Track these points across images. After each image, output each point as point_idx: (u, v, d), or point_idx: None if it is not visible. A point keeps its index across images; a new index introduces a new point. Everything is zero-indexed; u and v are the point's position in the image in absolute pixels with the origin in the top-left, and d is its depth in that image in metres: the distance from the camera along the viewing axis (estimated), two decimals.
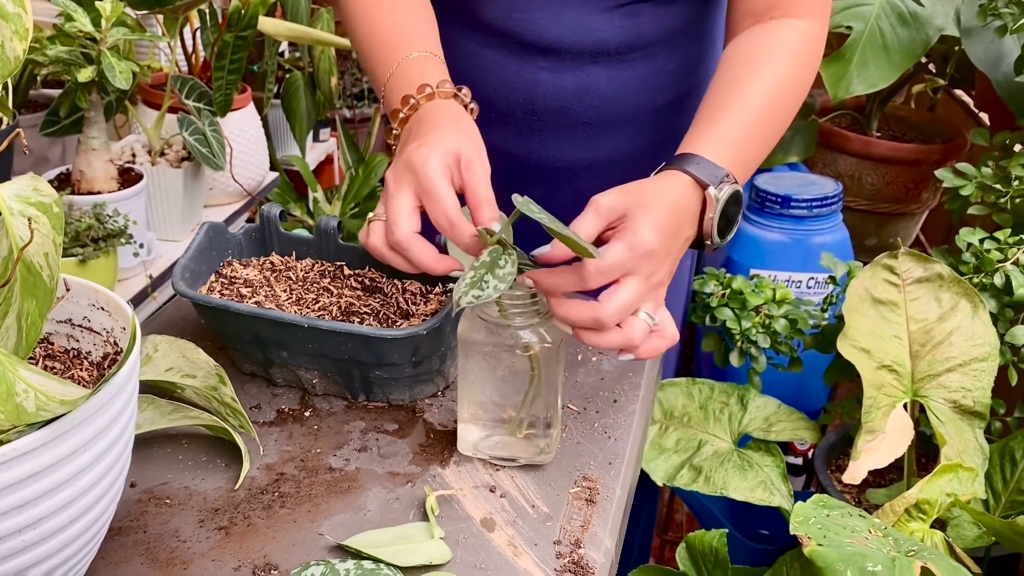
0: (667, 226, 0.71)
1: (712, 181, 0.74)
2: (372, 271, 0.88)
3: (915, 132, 1.84)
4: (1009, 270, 1.06)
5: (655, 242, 0.69)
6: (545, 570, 0.65)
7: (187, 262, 0.82)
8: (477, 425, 0.75)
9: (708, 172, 0.75)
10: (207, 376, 0.76)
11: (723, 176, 0.75)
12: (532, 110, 0.98)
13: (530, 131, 0.99)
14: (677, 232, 0.73)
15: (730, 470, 1.06)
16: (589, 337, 0.70)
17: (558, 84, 0.96)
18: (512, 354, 0.71)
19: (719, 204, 0.74)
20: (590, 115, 0.97)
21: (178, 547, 0.66)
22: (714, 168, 0.75)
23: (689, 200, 0.74)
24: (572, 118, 0.97)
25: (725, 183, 0.74)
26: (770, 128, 0.82)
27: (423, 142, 0.73)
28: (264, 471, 0.74)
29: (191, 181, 1.51)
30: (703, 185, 0.74)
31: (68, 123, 1.36)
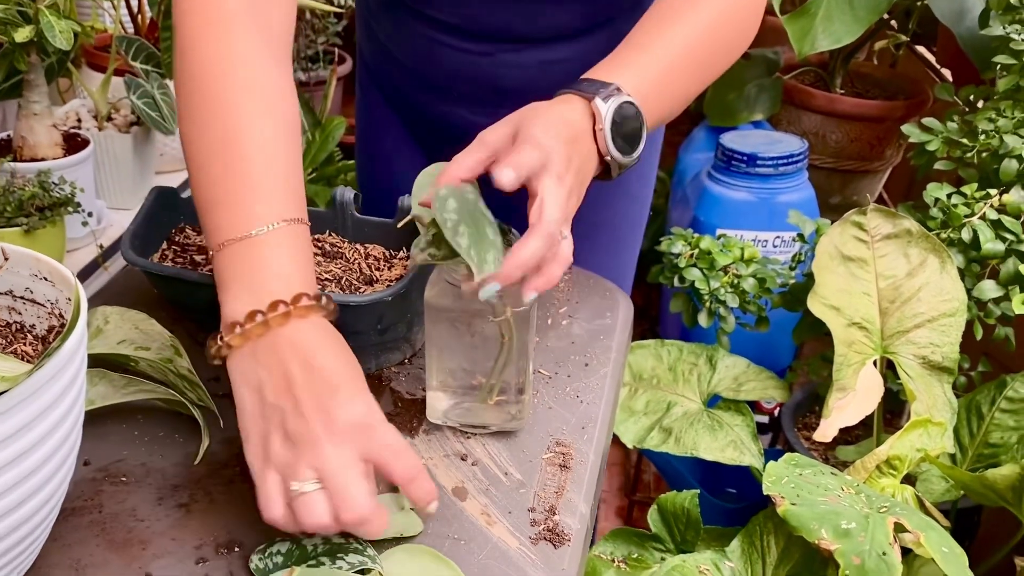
0: (560, 132, 0.67)
1: (600, 94, 0.70)
2: (332, 235, 0.84)
3: (878, 89, 1.83)
4: (976, 224, 1.05)
5: (551, 138, 0.66)
6: (519, 538, 0.64)
7: (136, 229, 0.78)
8: (446, 393, 0.72)
9: (595, 88, 0.71)
10: (162, 348, 0.73)
11: (611, 89, 0.70)
12: (496, 89, 0.95)
13: (497, 107, 0.96)
14: (574, 141, 0.68)
15: (700, 431, 1.05)
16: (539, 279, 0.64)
17: (521, 64, 0.93)
18: (481, 319, 0.68)
19: (607, 114, 0.70)
20: (558, 87, 0.94)
21: (136, 526, 0.63)
22: (601, 84, 0.71)
23: (578, 114, 0.70)
24: (540, 93, 0.94)
25: (613, 96, 0.70)
26: (694, 68, 0.78)
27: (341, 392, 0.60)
28: (225, 445, 0.71)
29: (141, 146, 1.45)
30: (588, 98, 0.70)
31: (7, 87, 1.29)
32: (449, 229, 0.61)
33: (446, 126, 1.00)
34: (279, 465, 0.58)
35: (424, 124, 1.04)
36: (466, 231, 0.62)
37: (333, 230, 0.84)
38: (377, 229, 0.83)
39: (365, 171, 1.16)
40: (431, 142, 1.06)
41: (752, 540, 0.89)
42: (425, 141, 1.07)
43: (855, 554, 0.76)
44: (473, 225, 0.62)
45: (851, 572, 0.75)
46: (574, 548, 0.63)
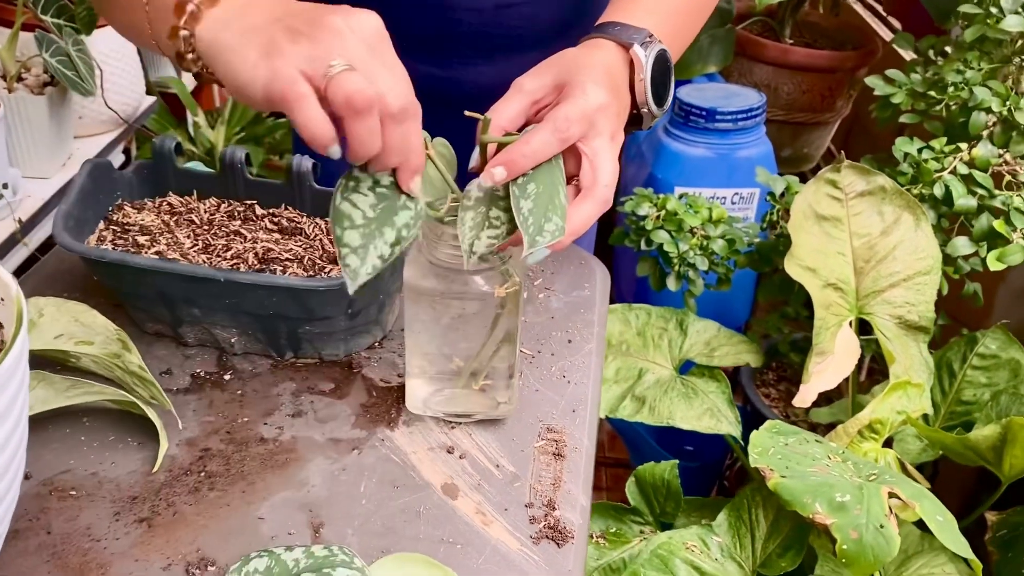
0: (606, 83, 0.64)
1: (636, 40, 0.67)
2: (289, 209, 0.77)
3: (825, 39, 1.81)
4: (948, 180, 1.03)
5: (604, 96, 0.62)
6: (520, 538, 0.59)
7: (69, 209, 0.69)
8: (426, 379, 0.67)
9: (629, 34, 0.68)
10: (107, 342, 0.66)
11: (646, 36, 0.68)
12: (449, 34, 0.88)
13: (448, 56, 0.90)
14: (617, 92, 0.65)
15: (675, 399, 1.02)
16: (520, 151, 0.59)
17: (475, 7, 0.86)
18: (464, 300, 0.62)
19: (647, 63, 0.67)
20: (513, 35, 0.88)
21: (92, 548, 0.56)
22: (635, 30, 0.68)
23: (617, 63, 0.67)
24: (494, 41, 0.88)
25: (650, 43, 0.68)
26: (698, 8, 0.76)
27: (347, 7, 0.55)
28: (185, 448, 0.64)
29: (57, 109, 1.34)
30: (626, 45, 0.67)
31: None
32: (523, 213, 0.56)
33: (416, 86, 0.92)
34: (299, 60, 0.51)
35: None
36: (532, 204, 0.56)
37: (290, 204, 0.77)
38: None
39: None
40: None
41: (740, 514, 0.86)
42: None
43: (852, 528, 0.73)
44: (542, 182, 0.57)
45: (849, 547, 0.73)
46: (578, 545, 0.59)
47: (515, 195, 0.57)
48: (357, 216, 0.55)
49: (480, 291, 0.61)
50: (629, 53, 0.67)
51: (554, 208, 0.57)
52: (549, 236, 0.56)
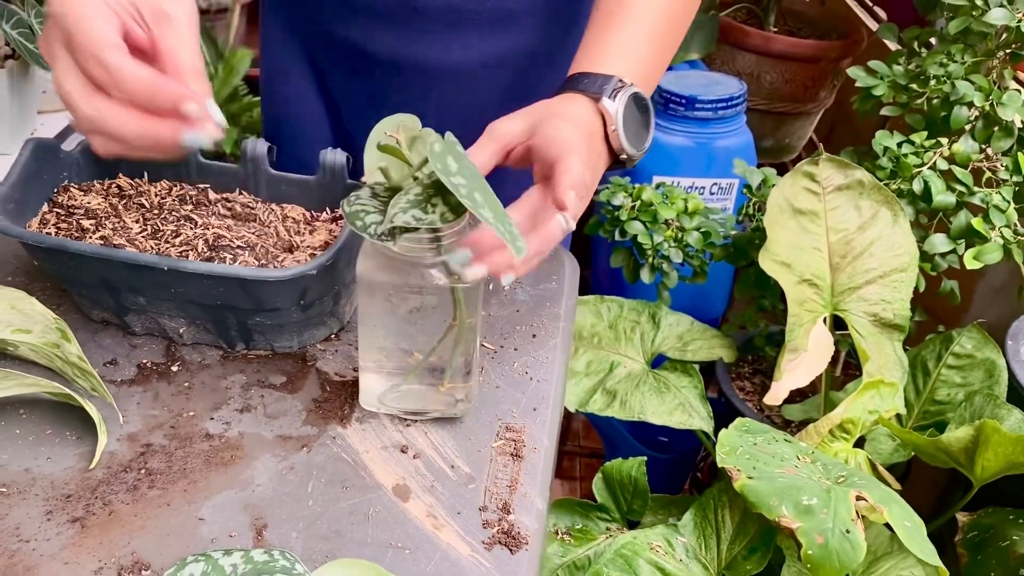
0: (578, 128, 0.65)
1: (602, 92, 0.68)
2: (244, 194, 0.74)
3: (810, 27, 1.78)
4: (927, 175, 1.01)
5: (573, 132, 0.63)
6: (472, 543, 0.57)
7: (9, 191, 0.66)
8: (381, 375, 0.64)
9: (597, 85, 0.68)
10: (45, 331, 0.63)
11: (615, 84, 0.68)
12: (414, 8, 0.84)
13: (413, 31, 0.87)
14: (590, 139, 0.66)
15: (646, 393, 1.00)
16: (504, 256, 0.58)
17: None
18: (420, 295, 0.60)
19: (618, 114, 0.67)
20: (479, 10, 0.85)
21: (20, 549, 0.54)
22: (603, 80, 0.68)
23: (589, 115, 0.67)
24: (459, 15, 0.84)
25: (620, 90, 0.68)
26: (671, 31, 0.75)
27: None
28: (126, 443, 0.61)
29: (19, 83, 1.29)
30: (594, 98, 0.68)
31: None
32: (466, 197, 0.53)
33: (358, 55, 0.89)
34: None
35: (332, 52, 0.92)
36: (483, 199, 0.54)
37: (244, 188, 0.74)
38: (296, 187, 0.73)
39: (270, 115, 1.03)
40: (342, 76, 0.94)
41: (705, 514, 0.85)
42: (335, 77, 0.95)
43: (818, 533, 0.72)
44: (483, 190, 0.54)
45: (814, 552, 0.71)
46: (532, 551, 0.57)
47: (473, 208, 0.54)
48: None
49: (437, 285, 0.59)
50: (599, 106, 0.67)
51: (505, 215, 0.55)
52: (521, 241, 0.54)
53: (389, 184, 0.59)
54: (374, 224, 0.56)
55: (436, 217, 0.55)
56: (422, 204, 0.56)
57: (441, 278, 0.59)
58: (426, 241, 0.58)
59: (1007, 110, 1.01)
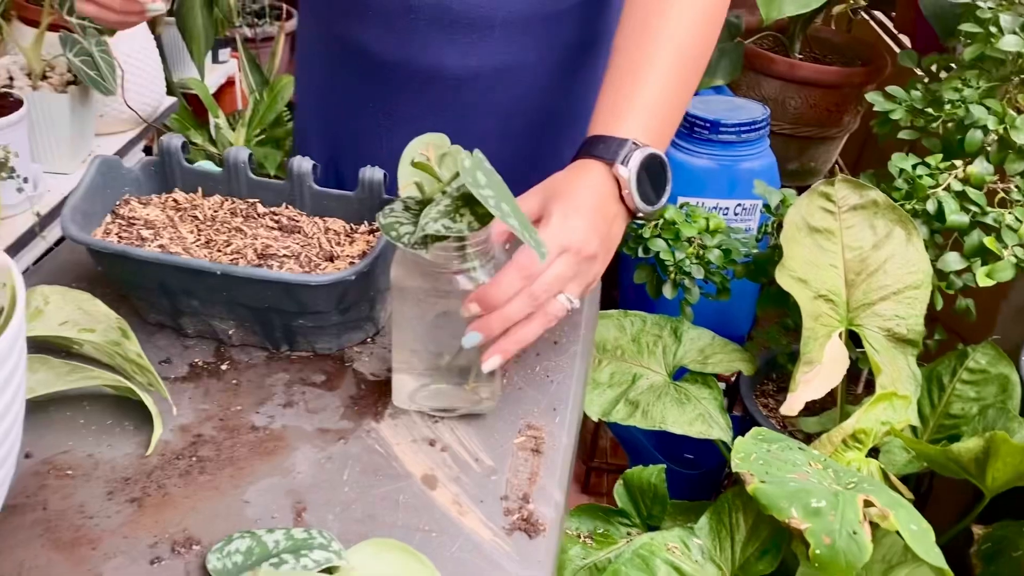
0: (585, 204, 0.70)
1: (615, 157, 0.72)
2: (290, 208, 0.80)
3: (836, 54, 1.82)
4: (941, 196, 1.05)
5: (576, 222, 0.68)
6: (493, 528, 0.61)
7: (78, 202, 0.73)
8: (412, 375, 0.69)
9: (612, 151, 0.73)
10: (108, 330, 0.69)
11: (628, 147, 0.72)
12: (408, 5, 0.89)
13: (408, 32, 0.91)
14: (601, 211, 0.71)
15: (668, 404, 1.04)
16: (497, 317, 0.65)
17: None
18: (450, 299, 0.65)
19: (632, 177, 0.72)
20: (473, 15, 0.89)
21: (84, 524, 0.59)
22: (617, 144, 0.73)
23: (601, 181, 0.72)
24: (453, 16, 0.89)
25: (633, 153, 0.72)
26: (687, 79, 0.79)
27: None
28: (179, 433, 0.67)
29: (79, 107, 1.38)
30: (608, 163, 0.72)
31: None
32: (494, 208, 0.58)
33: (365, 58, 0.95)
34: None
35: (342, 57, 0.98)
36: (510, 209, 0.59)
37: (290, 203, 0.80)
38: (337, 202, 0.79)
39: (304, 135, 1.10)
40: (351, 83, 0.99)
41: (721, 517, 0.88)
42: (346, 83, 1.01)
43: (825, 533, 0.75)
44: (510, 201, 0.60)
45: (822, 552, 0.75)
46: (549, 538, 0.61)
47: (501, 217, 0.59)
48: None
49: (463, 290, 0.64)
50: (612, 171, 0.72)
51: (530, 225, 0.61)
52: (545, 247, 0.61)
53: (421, 198, 0.64)
54: (407, 234, 0.62)
55: (464, 226, 0.60)
56: (451, 214, 0.61)
57: (467, 283, 0.64)
58: (453, 249, 0.63)
59: (1020, 134, 1.04)
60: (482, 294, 0.63)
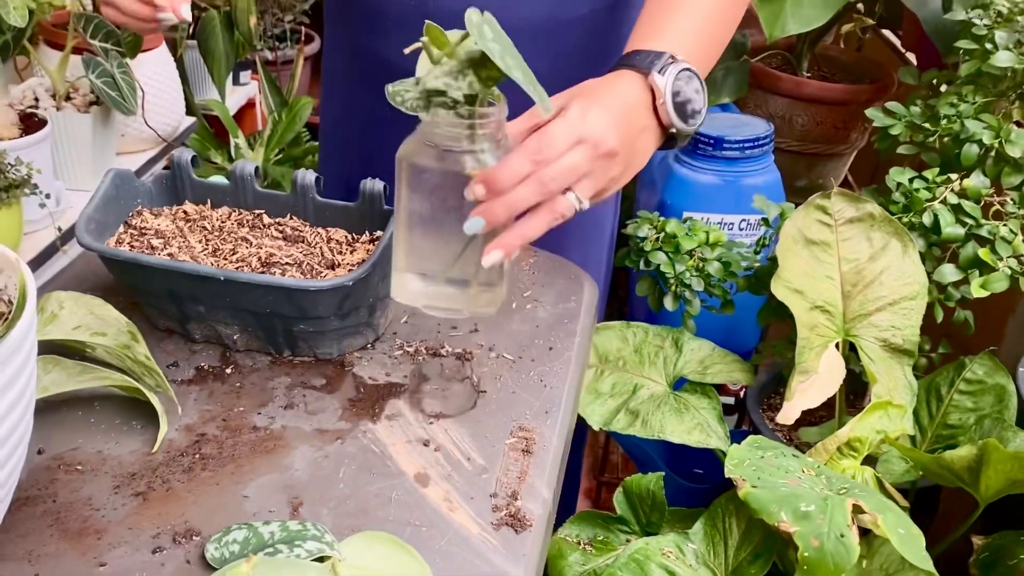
0: (613, 104, 0.67)
1: (652, 67, 0.70)
2: (294, 218, 0.83)
3: (844, 72, 1.84)
4: (937, 209, 1.06)
5: (597, 116, 0.65)
6: (481, 524, 0.63)
7: (92, 212, 0.76)
8: (413, 272, 0.67)
9: (648, 60, 0.70)
10: (118, 334, 0.72)
11: (666, 59, 0.70)
12: (425, 13, 0.92)
13: (384, 38, 0.95)
14: (628, 117, 0.68)
15: (667, 413, 1.06)
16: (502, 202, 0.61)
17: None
18: (454, 185, 0.62)
19: (667, 88, 0.69)
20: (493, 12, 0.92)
21: (91, 516, 0.62)
22: (655, 56, 0.70)
23: (635, 90, 0.69)
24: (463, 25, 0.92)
25: (669, 65, 0.70)
26: (722, 23, 0.78)
27: None
28: (184, 432, 0.70)
29: (101, 127, 1.43)
30: (644, 73, 0.70)
31: None
32: (498, 58, 0.56)
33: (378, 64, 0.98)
34: None
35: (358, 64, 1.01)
36: (514, 63, 0.57)
37: (294, 214, 0.83)
38: (339, 212, 0.82)
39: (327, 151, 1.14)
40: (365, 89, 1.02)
41: (715, 522, 0.90)
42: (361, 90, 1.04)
43: (814, 536, 0.76)
44: (517, 59, 0.58)
45: (810, 554, 0.76)
46: (535, 533, 0.63)
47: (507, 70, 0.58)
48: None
49: (470, 174, 0.61)
50: (648, 80, 0.70)
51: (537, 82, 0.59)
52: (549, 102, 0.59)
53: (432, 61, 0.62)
54: (412, 99, 0.61)
55: (464, 85, 0.59)
56: (455, 75, 0.60)
57: (475, 166, 0.62)
58: (462, 127, 0.61)
59: (1015, 147, 1.06)
60: (489, 175, 0.61)
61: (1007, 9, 1.10)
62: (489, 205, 0.61)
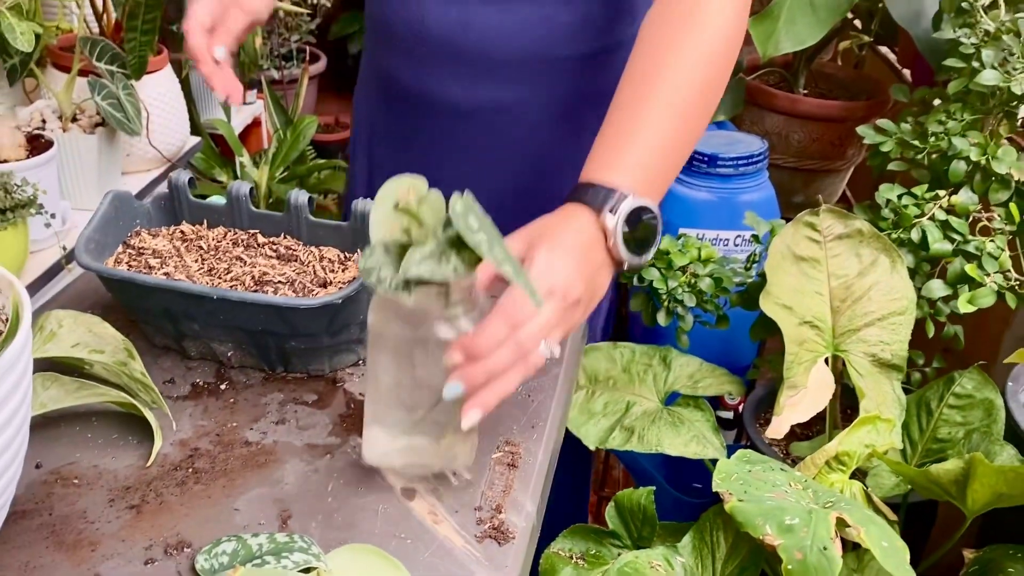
0: (572, 247, 0.68)
1: (604, 204, 0.70)
2: (287, 238, 0.85)
3: (841, 89, 1.86)
4: (925, 225, 1.08)
5: (561, 264, 0.66)
6: (465, 536, 0.65)
7: (91, 233, 0.79)
8: (385, 428, 0.67)
9: (600, 198, 0.71)
10: (115, 351, 0.74)
11: (617, 198, 0.70)
12: (420, 36, 0.97)
13: (420, 60, 0.99)
14: (587, 256, 0.69)
15: (662, 428, 1.07)
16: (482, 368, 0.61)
17: (443, 11, 0.95)
18: (427, 348, 0.63)
19: (617, 228, 0.70)
20: (475, 52, 0.96)
21: (85, 528, 0.64)
22: (605, 192, 0.71)
23: (588, 227, 0.70)
24: (458, 51, 0.96)
25: (621, 202, 0.70)
26: (683, 136, 0.77)
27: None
28: (178, 447, 0.72)
29: (106, 147, 1.45)
30: (595, 210, 0.70)
31: None
32: (487, 253, 0.57)
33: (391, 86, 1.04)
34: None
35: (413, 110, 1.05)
36: (503, 255, 0.57)
37: (288, 233, 0.85)
38: (331, 231, 0.84)
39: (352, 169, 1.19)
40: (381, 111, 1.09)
41: (703, 535, 0.91)
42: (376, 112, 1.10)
43: (797, 549, 0.77)
44: (503, 247, 0.58)
45: (793, 567, 0.77)
46: (518, 546, 0.65)
47: (498, 264, 0.58)
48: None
49: (445, 338, 0.62)
50: (600, 220, 0.70)
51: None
52: (539, 295, 0.59)
53: (402, 242, 0.61)
54: (389, 277, 0.60)
55: (450, 270, 0.59)
56: (437, 258, 0.59)
57: (448, 331, 0.62)
58: (436, 295, 0.61)
59: (1002, 164, 1.07)
60: (468, 343, 0.61)
61: (993, 28, 1.12)
62: (469, 370, 0.61)
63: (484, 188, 0.98)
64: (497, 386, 0.62)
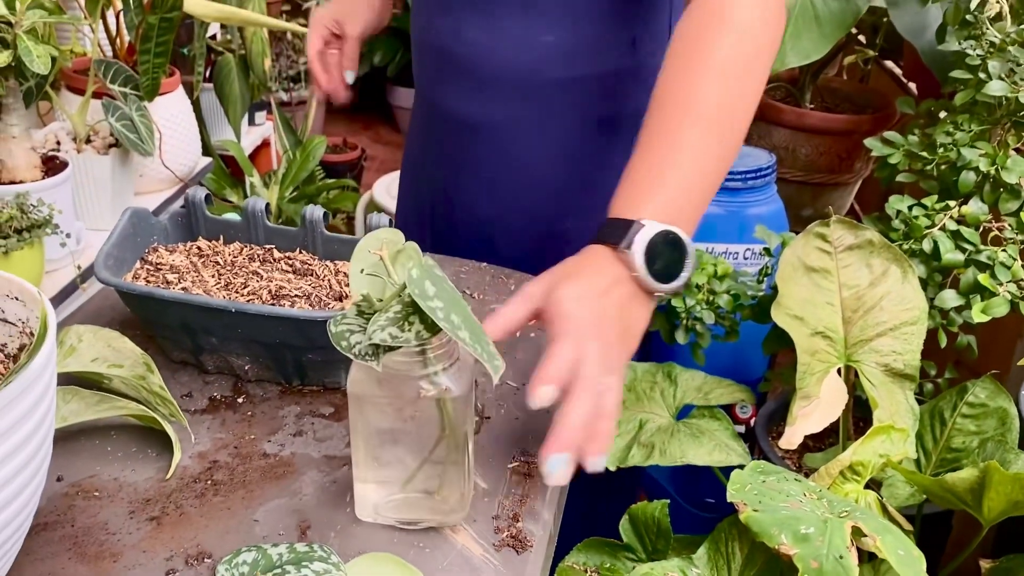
0: (592, 287, 0.68)
1: (620, 240, 0.69)
2: (303, 253, 0.86)
3: (847, 103, 1.87)
4: (936, 236, 1.08)
5: (587, 308, 0.66)
6: (483, 544, 0.65)
7: (110, 249, 0.80)
8: (375, 485, 0.66)
9: (617, 232, 0.70)
10: (134, 365, 0.75)
11: (635, 230, 0.69)
12: (419, 42, 1.03)
13: (421, 66, 1.05)
14: (607, 292, 0.68)
15: (683, 440, 1.07)
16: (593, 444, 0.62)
17: (439, 19, 0.99)
18: (413, 405, 0.62)
19: (636, 259, 0.69)
20: (469, 63, 0.99)
21: (107, 540, 0.64)
22: (624, 225, 0.70)
23: (607, 264, 0.70)
24: (454, 61, 1.00)
25: (638, 234, 0.69)
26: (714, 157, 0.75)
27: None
28: (197, 459, 0.72)
29: (119, 168, 1.47)
30: (612, 246, 0.70)
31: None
32: (443, 320, 0.56)
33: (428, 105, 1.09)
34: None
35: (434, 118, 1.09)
36: (460, 320, 0.56)
37: (304, 248, 0.86)
38: (346, 246, 0.85)
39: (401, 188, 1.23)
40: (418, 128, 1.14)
41: (718, 547, 0.91)
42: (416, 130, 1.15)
43: (813, 558, 0.77)
44: (461, 312, 0.57)
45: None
46: (536, 553, 0.65)
47: (451, 331, 0.57)
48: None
49: (425, 398, 0.61)
50: (618, 254, 0.69)
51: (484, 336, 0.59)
52: (499, 360, 0.59)
53: (373, 303, 0.60)
54: (358, 344, 0.59)
55: (412, 336, 0.58)
56: (399, 323, 0.58)
57: (430, 390, 0.61)
58: (414, 354, 0.60)
59: (1011, 174, 1.08)
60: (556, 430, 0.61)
61: (999, 39, 1.13)
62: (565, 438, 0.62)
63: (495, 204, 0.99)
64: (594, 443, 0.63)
